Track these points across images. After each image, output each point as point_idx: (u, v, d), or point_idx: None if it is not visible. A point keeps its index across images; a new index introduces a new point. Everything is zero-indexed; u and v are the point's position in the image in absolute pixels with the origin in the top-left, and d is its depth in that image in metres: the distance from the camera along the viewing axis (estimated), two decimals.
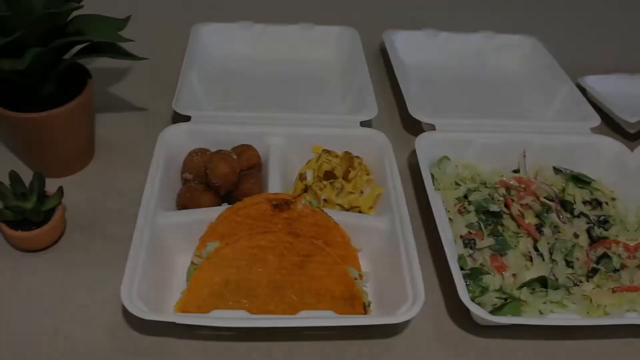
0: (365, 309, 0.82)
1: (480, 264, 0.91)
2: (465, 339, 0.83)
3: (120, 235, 0.89)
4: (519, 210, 0.97)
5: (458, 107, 1.23)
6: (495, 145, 1.06)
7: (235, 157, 0.95)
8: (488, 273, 0.88)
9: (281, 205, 0.87)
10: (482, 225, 0.95)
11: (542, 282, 0.87)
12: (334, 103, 1.19)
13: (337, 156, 1.00)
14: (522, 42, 1.37)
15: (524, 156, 1.07)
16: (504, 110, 1.24)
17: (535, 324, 0.79)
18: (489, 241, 0.93)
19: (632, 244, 0.95)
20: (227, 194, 0.95)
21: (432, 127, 1.07)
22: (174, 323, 0.74)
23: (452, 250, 0.85)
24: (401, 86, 1.15)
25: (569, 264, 0.91)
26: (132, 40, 0.91)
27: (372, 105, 1.09)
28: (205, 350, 0.80)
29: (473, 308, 0.78)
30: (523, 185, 1.02)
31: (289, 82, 1.25)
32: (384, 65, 1.36)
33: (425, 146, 1.03)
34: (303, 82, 1.25)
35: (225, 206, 0.90)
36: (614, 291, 0.89)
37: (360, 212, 0.96)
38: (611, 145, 1.08)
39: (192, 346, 0.80)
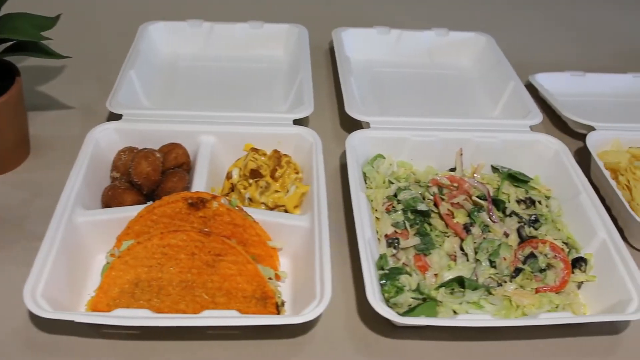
0: (278, 309, 0.81)
1: (403, 263, 0.90)
2: (376, 340, 0.82)
3: (42, 234, 0.89)
4: (448, 210, 0.96)
5: (402, 105, 1.22)
6: (432, 144, 1.05)
7: (158, 155, 0.94)
8: (407, 273, 0.87)
9: (196, 204, 0.86)
10: (407, 224, 0.93)
11: (461, 282, 0.86)
12: (277, 101, 1.19)
13: (264, 154, 0.99)
14: (476, 39, 1.36)
15: (461, 154, 1.06)
16: (450, 108, 1.23)
17: (436, 324, 0.77)
18: (415, 240, 0.92)
19: (560, 243, 0.93)
20: (150, 193, 0.94)
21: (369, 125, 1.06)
22: (82, 322, 0.74)
23: (366, 250, 0.84)
24: (342, 84, 1.14)
25: (492, 263, 0.89)
26: (50, 39, 0.91)
27: (308, 104, 1.08)
28: (114, 349, 0.79)
29: (378, 308, 0.77)
30: (455, 184, 1.00)
31: (235, 81, 1.25)
32: (332, 64, 1.35)
33: (358, 144, 1.02)
34: (249, 81, 1.25)
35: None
36: (537, 291, 0.88)
37: (286, 211, 0.95)
38: (550, 143, 1.06)
39: (100, 345, 0.79)
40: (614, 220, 0.98)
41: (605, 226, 0.91)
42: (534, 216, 0.97)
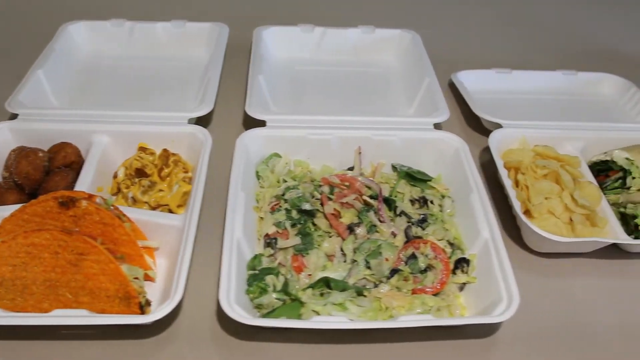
0: (142, 309, 0.81)
1: (279, 263, 0.88)
2: (238, 344, 0.80)
3: None
4: (334, 209, 0.94)
5: (317, 104, 1.20)
6: (329, 142, 1.03)
7: (41, 154, 0.95)
8: (279, 273, 0.85)
9: (66, 203, 0.86)
10: (288, 224, 0.92)
11: (328, 283, 0.84)
12: (187, 100, 1.18)
13: (152, 154, 0.99)
14: (401, 36, 1.33)
15: (359, 153, 1.04)
16: (367, 106, 1.21)
17: (278, 325, 0.76)
18: (295, 240, 0.91)
19: (441, 244, 0.91)
20: (33, 192, 0.94)
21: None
22: None
23: (231, 250, 0.82)
24: (248, 82, 1.13)
25: (368, 264, 0.88)
26: None
27: (208, 102, 1.07)
28: None
29: (227, 309, 0.75)
30: (347, 183, 0.99)
31: (151, 80, 1.24)
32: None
33: (250, 143, 1.01)
34: (165, 80, 1.24)
35: None
36: (414, 293, 0.86)
37: (170, 210, 0.95)
38: (452, 141, 1.04)
39: None
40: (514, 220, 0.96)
41: (489, 226, 0.89)
42: (422, 216, 0.95)
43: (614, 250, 0.97)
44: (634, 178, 0.99)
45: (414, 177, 1.01)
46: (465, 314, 0.85)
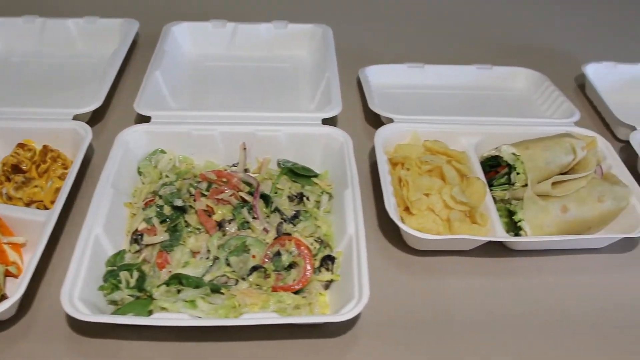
0: None
1: (144, 259, 0.88)
2: (83, 341, 0.79)
3: None
4: (207, 206, 0.94)
5: (222, 99, 1.20)
6: (213, 138, 1.02)
7: None
8: (138, 270, 0.85)
9: None
10: (155, 220, 0.91)
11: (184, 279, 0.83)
12: (85, 97, 1.17)
13: (31, 150, 0.99)
14: (314, 31, 1.32)
15: (244, 149, 1.03)
16: (272, 101, 1.20)
17: (116, 322, 0.75)
18: (162, 237, 0.90)
19: (309, 241, 0.90)
20: None
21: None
22: None
23: (85, 246, 0.82)
24: (144, 78, 1.13)
25: (228, 261, 0.87)
26: None
27: (98, 98, 1.07)
28: None
29: (66, 305, 0.75)
30: (225, 179, 0.98)
31: (53, 77, 1.24)
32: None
33: (132, 140, 1.00)
34: (67, 77, 1.24)
35: None
36: (274, 290, 0.85)
37: (45, 206, 0.95)
38: (339, 136, 1.02)
39: None
40: None
41: (355, 223, 0.88)
42: (295, 212, 0.94)
43: (501, 248, 0.95)
44: (518, 174, 0.97)
45: (297, 174, 1.00)
46: (327, 312, 0.84)
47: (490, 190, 0.99)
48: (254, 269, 0.86)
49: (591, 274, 0.94)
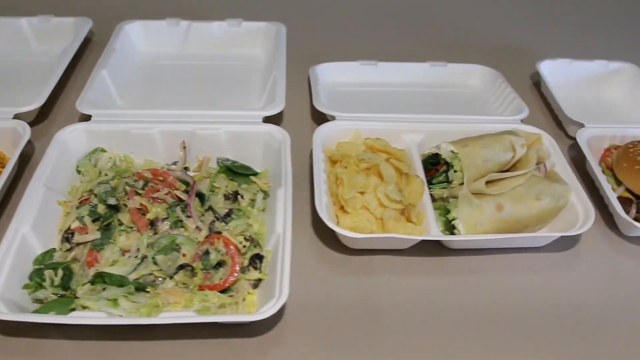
0: None
1: (73, 258, 0.88)
2: (3, 340, 0.80)
3: None
4: (141, 204, 0.93)
5: (171, 98, 1.19)
6: (152, 136, 1.02)
7: None
8: (65, 268, 0.85)
9: None
10: (87, 219, 0.91)
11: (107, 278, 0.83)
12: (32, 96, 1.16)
13: None
14: (267, 29, 1.32)
15: (184, 147, 1.03)
16: (221, 100, 1.19)
17: (29, 320, 0.75)
18: (94, 235, 0.90)
19: (239, 239, 0.89)
20: None
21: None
22: None
23: (8, 246, 0.82)
24: (90, 77, 1.13)
25: (155, 260, 0.87)
26: None
27: (41, 97, 1.07)
28: None
29: None
30: (161, 178, 0.98)
31: (1, 77, 1.24)
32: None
33: (70, 139, 1.00)
34: (20, 77, 1.24)
35: None
36: (201, 288, 0.84)
37: None
38: (279, 134, 1.02)
39: None
40: None
41: (284, 222, 0.87)
42: (227, 211, 0.94)
43: (439, 247, 0.94)
44: (455, 172, 0.96)
45: (235, 172, 1.00)
46: (253, 311, 0.84)
47: (430, 188, 0.98)
48: (181, 267, 0.86)
49: (528, 273, 0.93)
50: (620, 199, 1.02)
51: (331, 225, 0.87)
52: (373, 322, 0.84)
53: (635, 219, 1.00)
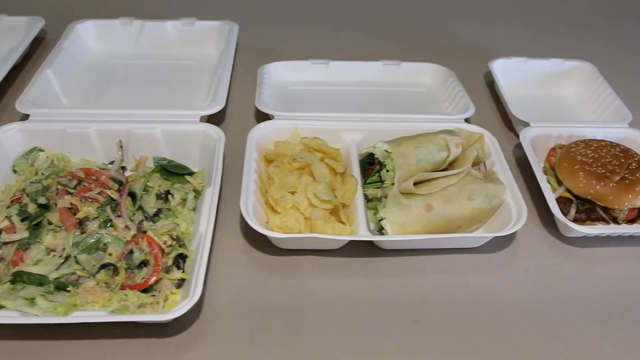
0: None
1: (0, 257, 0.88)
2: None
3: None
4: (71, 203, 0.93)
5: (119, 97, 1.19)
6: (89, 136, 1.02)
7: None
8: None
9: None
10: (15, 218, 0.91)
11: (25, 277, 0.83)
12: None
13: None
14: (221, 28, 1.31)
15: (121, 146, 1.03)
16: (169, 99, 1.19)
17: None
18: (21, 235, 0.90)
19: (164, 239, 0.89)
20: None
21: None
22: None
23: None
24: (34, 76, 1.13)
25: (77, 259, 0.86)
26: None
27: None
28: None
29: None
30: (94, 177, 0.98)
31: None
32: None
33: (7, 138, 1.00)
34: None
35: None
36: (123, 288, 0.84)
37: None
38: (215, 133, 1.01)
39: None
40: None
41: (207, 221, 0.87)
42: (155, 210, 0.93)
43: (372, 247, 0.94)
44: (388, 171, 0.95)
45: (169, 171, 0.99)
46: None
47: (364, 188, 0.97)
48: (103, 266, 0.86)
49: (460, 273, 0.92)
50: (561, 199, 1.00)
51: (253, 224, 0.86)
52: (296, 323, 0.84)
53: (575, 220, 0.99)
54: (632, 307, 0.88)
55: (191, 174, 1.01)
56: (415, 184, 0.94)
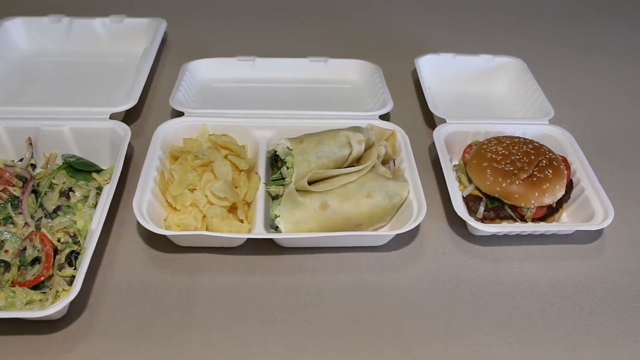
0: None
1: None
2: None
3: None
4: None
5: (37, 96, 1.19)
6: (0, 132, 1.02)
7: None
8: None
9: None
10: None
11: None
12: None
13: None
14: (149, 25, 1.31)
15: (30, 144, 1.03)
16: (93, 97, 1.19)
17: None
18: None
19: (58, 236, 0.89)
20: None
21: None
22: None
23: None
24: None
25: None
26: None
27: None
28: None
29: None
30: None
31: None
32: None
33: None
34: None
35: None
36: (14, 285, 0.84)
37: None
38: (122, 130, 1.01)
39: None
40: None
41: (99, 218, 0.87)
42: (54, 207, 0.94)
43: (273, 245, 0.93)
44: (288, 168, 0.95)
45: (75, 168, 0.99)
46: None
47: (268, 185, 0.97)
48: None
49: (358, 272, 0.91)
50: (471, 197, 1.00)
51: (142, 221, 0.87)
52: (183, 321, 0.83)
53: (484, 218, 0.98)
54: (531, 308, 0.87)
55: (98, 171, 1.01)
56: (315, 181, 0.94)
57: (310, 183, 0.93)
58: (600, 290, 0.90)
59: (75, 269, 0.86)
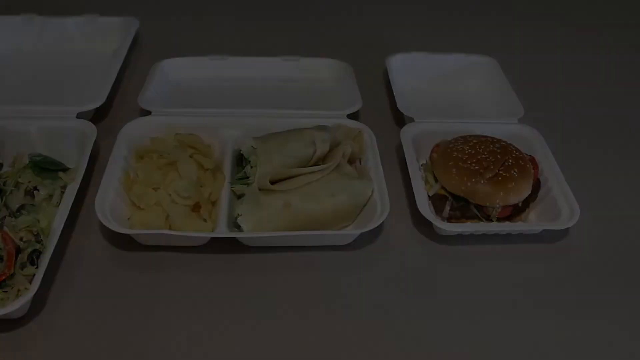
0: None
1: None
2: None
3: None
4: None
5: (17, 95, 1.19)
6: None
7: None
8: None
9: None
10: None
11: None
12: None
13: None
14: (122, 24, 1.31)
15: None
16: (67, 96, 1.19)
17: None
18: None
19: (20, 235, 0.89)
20: None
21: None
22: None
23: None
24: None
25: None
26: None
27: None
28: None
29: None
30: None
31: None
32: None
33: None
34: None
35: None
36: None
37: None
38: (87, 129, 1.02)
39: None
40: None
41: (60, 217, 0.87)
42: (19, 206, 0.94)
43: (238, 245, 0.93)
44: (252, 167, 0.95)
45: (41, 167, 0.99)
46: None
47: (233, 185, 0.97)
48: None
49: (318, 271, 0.91)
50: (437, 197, 1.00)
51: (104, 220, 0.87)
52: (144, 318, 0.84)
53: (450, 217, 0.99)
54: (497, 307, 0.87)
55: (65, 170, 1.01)
56: (279, 180, 0.94)
57: (273, 182, 0.93)
58: (567, 289, 0.91)
59: (37, 267, 0.86)
